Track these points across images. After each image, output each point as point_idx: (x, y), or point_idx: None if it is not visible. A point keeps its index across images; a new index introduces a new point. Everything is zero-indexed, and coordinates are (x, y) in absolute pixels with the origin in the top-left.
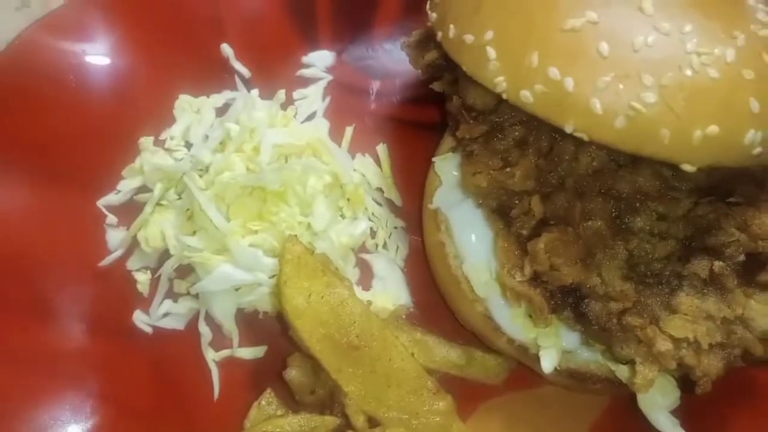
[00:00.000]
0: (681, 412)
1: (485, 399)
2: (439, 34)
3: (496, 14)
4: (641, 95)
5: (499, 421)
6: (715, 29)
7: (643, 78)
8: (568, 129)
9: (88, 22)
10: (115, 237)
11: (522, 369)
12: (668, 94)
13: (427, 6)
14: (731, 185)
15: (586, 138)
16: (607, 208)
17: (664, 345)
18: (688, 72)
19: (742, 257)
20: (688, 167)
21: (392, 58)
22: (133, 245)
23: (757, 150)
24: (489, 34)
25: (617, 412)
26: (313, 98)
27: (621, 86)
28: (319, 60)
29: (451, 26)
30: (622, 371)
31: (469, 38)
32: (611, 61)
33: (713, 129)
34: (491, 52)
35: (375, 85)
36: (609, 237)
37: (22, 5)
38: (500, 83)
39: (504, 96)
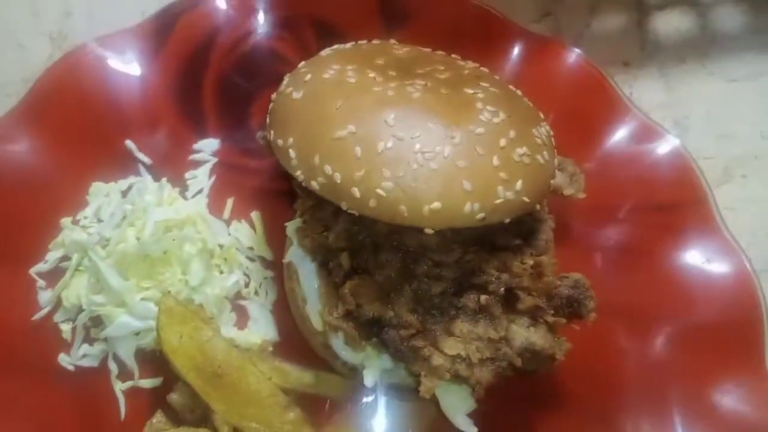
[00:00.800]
0: (478, 415)
1: (336, 413)
2: (268, 135)
3: (294, 127)
4: (383, 184)
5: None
6: (438, 133)
7: (383, 172)
8: (344, 207)
9: (13, 131)
10: (45, 297)
11: (365, 387)
12: (402, 182)
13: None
14: (492, 238)
15: (357, 214)
16: (397, 259)
17: (437, 360)
18: (415, 166)
19: (502, 291)
20: (428, 230)
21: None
22: (58, 302)
23: (480, 215)
24: (290, 141)
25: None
26: (201, 178)
27: (370, 178)
28: (207, 146)
29: (272, 131)
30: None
31: (280, 142)
32: (363, 161)
33: (437, 204)
34: (292, 153)
35: (252, 164)
36: (398, 281)
37: None
38: (299, 176)
39: (303, 184)
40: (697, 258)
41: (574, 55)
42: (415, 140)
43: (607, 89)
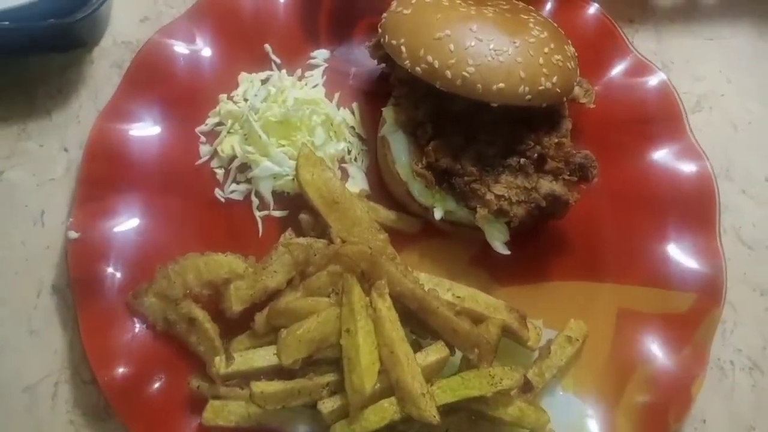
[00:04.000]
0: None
1: (409, 243)
2: (382, 40)
3: (405, 31)
4: (467, 69)
5: (416, 257)
6: (504, 38)
7: (468, 61)
8: (438, 86)
9: (190, 31)
10: (204, 149)
11: (429, 227)
12: (480, 68)
13: (379, 24)
14: (531, 121)
15: (445, 90)
16: (465, 130)
17: (489, 196)
18: (489, 58)
19: (535, 156)
20: (493, 104)
21: (362, 55)
22: (214, 154)
23: (528, 96)
24: (402, 40)
25: (485, 248)
26: (316, 76)
27: (458, 65)
28: (321, 55)
29: (386, 35)
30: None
31: (394, 42)
32: (455, 53)
33: (501, 85)
34: (403, 49)
35: (353, 70)
36: (465, 144)
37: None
38: (407, 65)
39: (409, 70)
40: (670, 157)
41: (593, 8)
42: (489, 42)
43: (616, 34)
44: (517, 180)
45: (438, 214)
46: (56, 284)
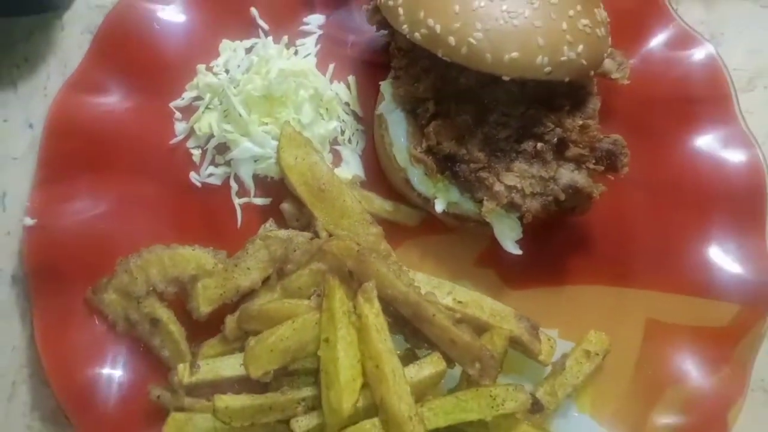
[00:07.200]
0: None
1: (407, 238)
2: (379, 2)
3: None
4: (474, 34)
5: (415, 254)
6: None
7: (476, 25)
8: (440, 54)
9: None
10: (180, 127)
11: (431, 220)
12: (490, 33)
13: None
14: (552, 99)
15: (449, 60)
16: (472, 108)
17: (498, 187)
18: (501, 22)
19: (555, 141)
20: (505, 78)
21: (362, 21)
22: (191, 132)
23: (547, 69)
24: (399, 1)
25: (495, 245)
26: (309, 45)
27: (464, 29)
28: (315, 20)
29: None
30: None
31: (391, 3)
32: (460, 15)
33: (515, 54)
34: (401, 11)
35: (350, 39)
36: (472, 125)
37: None
38: (405, 29)
39: (408, 36)
40: (716, 144)
41: None
42: (502, 2)
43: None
44: (533, 168)
45: (440, 206)
46: (16, 274)
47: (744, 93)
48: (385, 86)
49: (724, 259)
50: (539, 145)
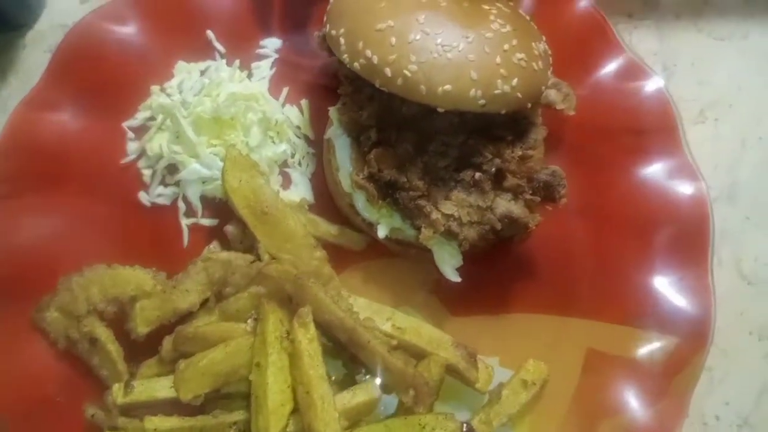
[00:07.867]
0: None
1: (352, 263)
2: (325, 29)
3: (345, 20)
4: (409, 67)
5: (359, 278)
6: (456, 32)
7: (411, 57)
8: (377, 85)
9: (125, 14)
10: (132, 146)
11: (376, 245)
12: (423, 66)
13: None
14: (491, 130)
15: (386, 90)
16: (413, 137)
17: (435, 215)
18: (435, 55)
19: (493, 171)
20: (440, 109)
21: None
22: (142, 152)
23: (482, 101)
24: (341, 31)
25: (438, 272)
26: (263, 68)
27: (400, 61)
28: (271, 44)
29: (328, 25)
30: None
31: (333, 32)
32: (396, 47)
33: (448, 87)
34: (342, 40)
35: (305, 63)
36: (412, 154)
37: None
38: (345, 58)
39: (348, 66)
40: (661, 175)
41: (584, 1)
42: (437, 35)
43: (607, 30)
44: (471, 197)
45: (382, 232)
46: None
47: (695, 124)
48: (333, 112)
49: (666, 290)
50: (477, 174)
